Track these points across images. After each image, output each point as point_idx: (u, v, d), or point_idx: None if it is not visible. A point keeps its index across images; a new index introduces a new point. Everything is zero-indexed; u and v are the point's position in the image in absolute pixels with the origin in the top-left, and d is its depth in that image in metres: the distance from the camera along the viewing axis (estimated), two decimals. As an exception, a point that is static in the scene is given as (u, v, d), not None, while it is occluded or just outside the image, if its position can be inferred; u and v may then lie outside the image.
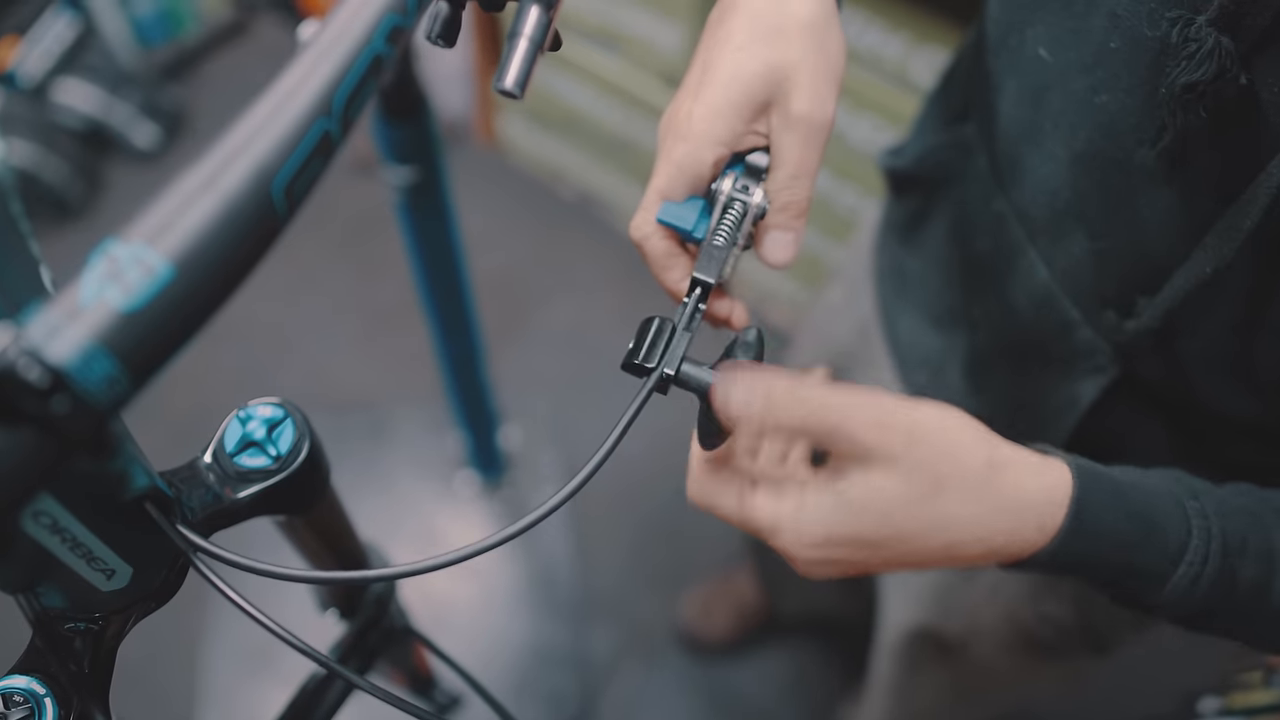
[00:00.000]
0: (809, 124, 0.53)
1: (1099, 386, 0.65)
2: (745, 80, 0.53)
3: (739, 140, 0.55)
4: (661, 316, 0.49)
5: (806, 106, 0.53)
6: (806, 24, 0.54)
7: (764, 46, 0.53)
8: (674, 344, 0.48)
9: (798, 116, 0.53)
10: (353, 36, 0.32)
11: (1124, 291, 0.60)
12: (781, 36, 0.53)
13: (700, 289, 0.52)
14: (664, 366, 0.47)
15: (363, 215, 2.24)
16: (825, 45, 0.54)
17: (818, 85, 0.53)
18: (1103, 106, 0.56)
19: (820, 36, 0.54)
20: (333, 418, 1.93)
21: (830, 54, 0.54)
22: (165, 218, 0.30)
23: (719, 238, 0.53)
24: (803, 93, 0.53)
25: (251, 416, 0.50)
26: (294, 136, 0.31)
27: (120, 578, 0.41)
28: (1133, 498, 0.50)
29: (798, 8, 0.54)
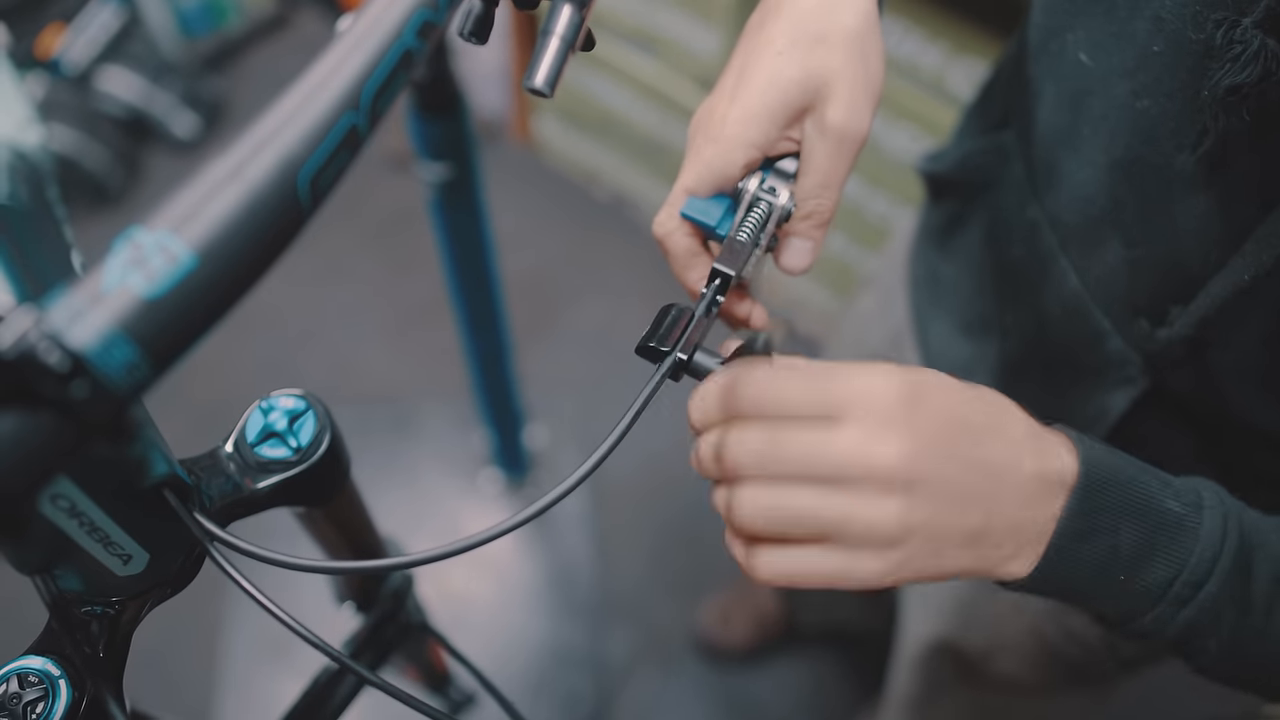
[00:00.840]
0: (843, 135, 0.53)
1: (1129, 398, 0.64)
2: (783, 86, 0.53)
3: (771, 145, 0.54)
4: (680, 305, 0.49)
5: (842, 117, 0.53)
6: (850, 33, 0.53)
7: (805, 53, 0.53)
8: (689, 331, 0.48)
9: (833, 126, 0.53)
10: (383, 30, 0.32)
11: (1157, 300, 0.59)
12: (823, 44, 0.53)
13: (720, 280, 0.51)
14: (678, 352, 0.47)
15: (397, 210, 2.25)
16: (867, 56, 0.54)
17: (856, 97, 0.53)
18: (1143, 111, 0.55)
19: (862, 47, 0.53)
20: (358, 410, 1.94)
21: (871, 66, 0.54)
22: (190, 206, 0.30)
23: (742, 234, 0.53)
24: (840, 103, 0.53)
25: (274, 407, 0.50)
26: (321, 129, 0.31)
27: (137, 563, 0.42)
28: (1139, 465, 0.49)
29: (842, 16, 0.53)
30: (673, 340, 0.48)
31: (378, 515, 0.63)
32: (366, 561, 0.43)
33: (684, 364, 0.47)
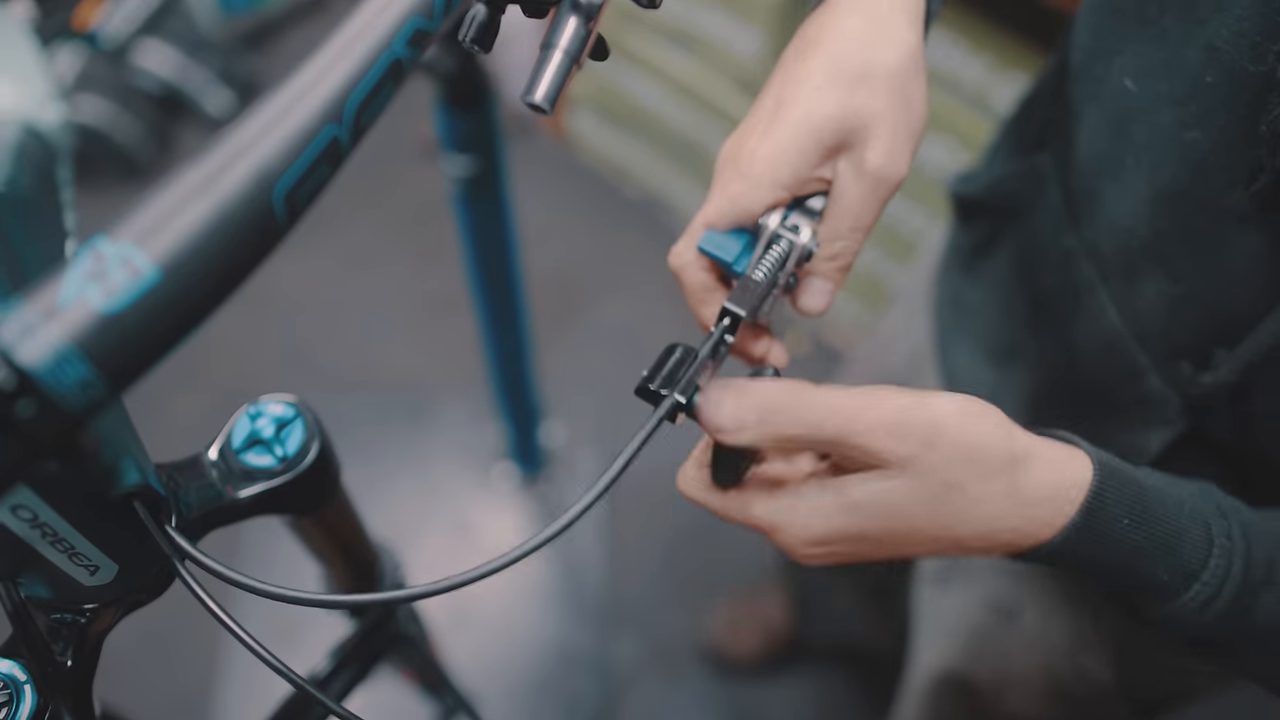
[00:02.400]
0: (880, 179, 0.51)
1: (1164, 440, 0.61)
2: (818, 124, 0.50)
3: (801, 185, 0.52)
4: (686, 345, 0.47)
5: (881, 161, 0.50)
6: (893, 72, 0.51)
7: (845, 91, 0.50)
8: (691, 373, 0.45)
9: (871, 170, 0.51)
10: (371, 38, 0.30)
11: (1201, 342, 0.56)
12: (864, 83, 0.50)
13: (729, 320, 0.49)
14: (676, 394, 0.45)
15: (424, 200, 2.24)
16: (909, 98, 0.51)
17: (896, 140, 0.51)
18: (1192, 143, 0.52)
19: (905, 88, 0.51)
20: (376, 399, 1.93)
21: (913, 108, 0.52)
22: (156, 218, 0.29)
23: (759, 272, 0.51)
24: (880, 146, 0.50)
25: (261, 413, 0.48)
26: (300, 142, 0.29)
27: (105, 574, 0.40)
28: (1153, 504, 0.47)
29: (885, 53, 0.51)
30: (674, 382, 0.45)
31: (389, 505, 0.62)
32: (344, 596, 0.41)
33: (683, 407, 0.45)
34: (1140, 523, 0.46)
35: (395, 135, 2.28)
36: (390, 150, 2.30)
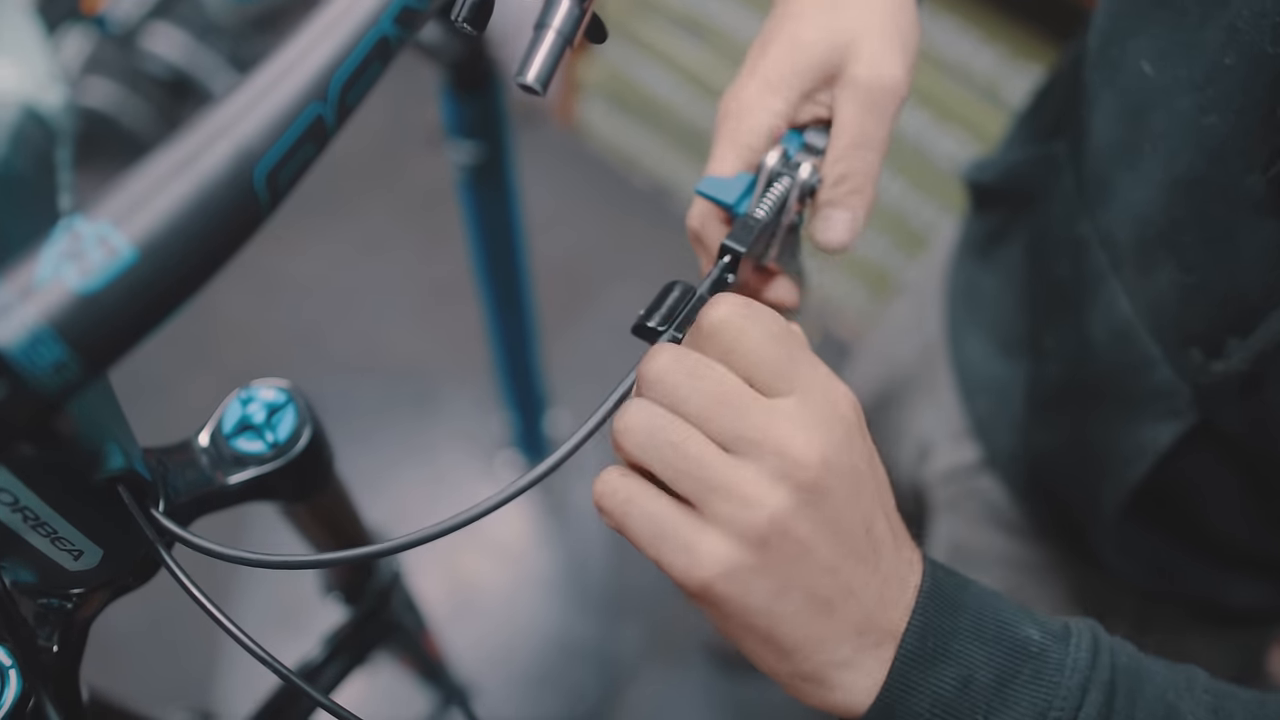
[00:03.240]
0: (870, 88, 0.50)
1: (1175, 433, 0.60)
2: (801, 48, 0.50)
3: (795, 112, 0.51)
4: (685, 282, 0.45)
5: (868, 70, 0.50)
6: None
7: (824, 14, 0.50)
8: (688, 310, 0.44)
9: (859, 80, 0.50)
10: (358, 15, 0.29)
11: (1213, 330, 0.55)
12: (847, 7, 0.50)
13: (728, 258, 0.48)
14: (673, 331, 0.44)
15: (434, 185, 2.23)
16: (895, 14, 0.51)
17: (883, 49, 0.50)
18: (1210, 128, 0.51)
19: (890, 6, 0.51)
20: (382, 385, 1.93)
21: (902, 26, 0.51)
22: (135, 198, 0.28)
23: (760, 210, 0.50)
24: (865, 56, 0.50)
25: (253, 398, 0.48)
26: (282, 120, 0.29)
27: (89, 558, 0.40)
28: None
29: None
30: (672, 320, 0.44)
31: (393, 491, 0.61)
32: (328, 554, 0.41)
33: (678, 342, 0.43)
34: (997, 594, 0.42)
35: (405, 120, 2.28)
36: (400, 135, 2.29)
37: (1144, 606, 0.76)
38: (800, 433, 0.36)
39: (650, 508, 0.37)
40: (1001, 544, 0.83)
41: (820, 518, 0.36)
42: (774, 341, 0.38)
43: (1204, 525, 0.66)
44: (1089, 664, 0.39)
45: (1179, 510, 0.66)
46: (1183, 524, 0.67)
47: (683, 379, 0.37)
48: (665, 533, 0.37)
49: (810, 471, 0.36)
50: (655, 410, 0.37)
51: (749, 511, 0.35)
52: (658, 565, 0.37)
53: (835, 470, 0.37)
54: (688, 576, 0.36)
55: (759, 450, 0.36)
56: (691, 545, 0.36)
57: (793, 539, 0.36)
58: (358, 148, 2.26)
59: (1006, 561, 0.83)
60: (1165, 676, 0.41)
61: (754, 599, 0.36)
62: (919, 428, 0.91)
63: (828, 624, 0.37)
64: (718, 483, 0.36)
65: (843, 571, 0.37)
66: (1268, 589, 0.70)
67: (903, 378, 0.96)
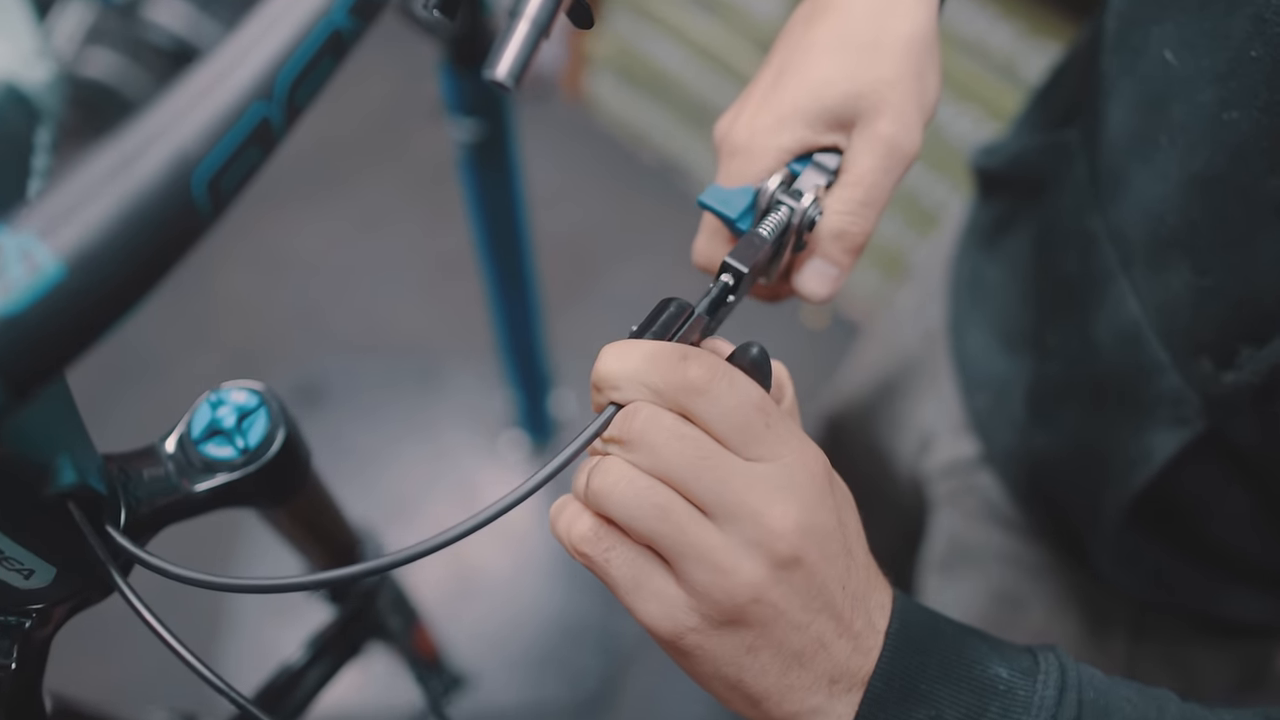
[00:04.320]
0: (894, 149, 0.48)
1: (1179, 441, 0.57)
2: (821, 89, 0.48)
3: (809, 146, 0.49)
4: (681, 300, 0.43)
5: (894, 130, 0.47)
6: (905, 44, 0.48)
7: (852, 59, 0.48)
8: (684, 329, 0.42)
9: (884, 138, 0.47)
10: (307, 6, 0.27)
11: (1226, 338, 0.52)
12: (874, 52, 0.48)
13: (730, 276, 0.45)
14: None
15: (437, 159, 2.20)
16: (922, 72, 0.49)
17: (908, 111, 0.48)
18: (1232, 124, 0.48)
19: (918, 61, 0.48)
20: (385, 361, 1.91)
21: (926, 83, 0.49)
22: (62, 208, 0.26)
23: (765, 229, 0.47)
24: (893, 115, 0.47)
25: (223, 401, 0.46)
26: (223, 122, 0.26)
27: (41, 576, 0.38)
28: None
29: (897, 24, 0.48)
30: (665, 338, 0.42)
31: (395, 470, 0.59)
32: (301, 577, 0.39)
33: None
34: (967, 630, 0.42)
35: (408, 92, 2.24)
36: (403, 107, 2.26)
37: (1142, 612, 0.74)
38: (777, 501, 0.36)
39: (630, 560, 0.38)
40: (999, 541, 0.81)
41: (794, 582, 0.37)
42: (754, 408, 0.38)
43: (1207, 537, 0.64)
44: (1055, 701, 0.39)
45: (1181, 521, 0.64)
46: (1184, 535, 0.64)
47: (664, 440, 0.37)
48: (641, 585, 0.38)
49: (786, 540, 0.36)
50: (636, 474, 0.37)
51: (725, 580, 0.36)
52: (630, 611, 0.38)
53: (811, 535, 0.37)
54: (658, 627, 0.37)
55: (737, 517, 0.36)
56: (665, 600, 0.37)
57: (766, 604, 0.37)
58: (360, 121, 2.23)
59: (1004, 559, 0.81)
60: (1135, 707, 0.41)
61: (724, 654, 0.37)
62: (920, 418, 0.89)
63: (799, 676, 0.38)
64: (697, 549, 0.36)
65: (814, 627, 0.38)
66: (1271, 602, 0.67)
67: (906, 366, 0.94)
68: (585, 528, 0.39)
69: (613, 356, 0.39)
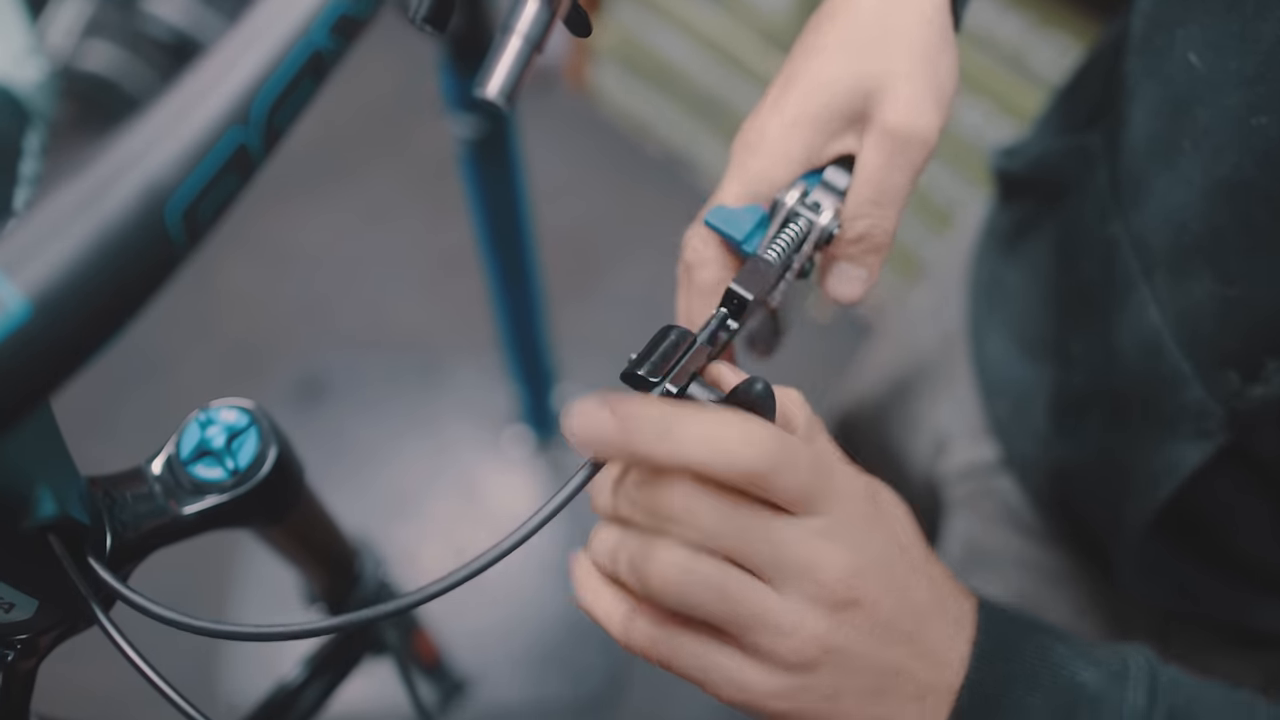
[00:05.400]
0: (900, 138, 0.46)
1: (1203, 454, 0.56)
2: (828, 87, 0.46)
3: (819, 157, 0.48)
4: (682, 328, 0.42)
5: (899, 117, 0.45)
6: (911, 36, 0.46)
7: (856, 54, 0.46)
8: (686, 360, 0.40)
9: (888, 128, 0.46)
10: (285, 26, 0.25)
11: (1252, 350, 0.51)
12: (879, 46, 0.46)
13: (735, 303, 0.44)
14: (668, 383, 0.40)
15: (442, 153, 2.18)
16: (933, 59, 0.47)
17: (917, 96, 0.46)
18: (1260, 129, 0.46)
19: (929, 49, 0.47)
20: (387, 356, 1.90)
21: (940, 70, 0.47)
22: (28, 243, 0.24)
23: (771, 252, 0.45)
24: (898, 103, 0.46)
25: (213, 421, 0.44)
26: (197, 150, 0.25)
27: (22, 610, 0.36)
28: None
29: (902, 18, 0.47)
30: (666, 369, 0.40)
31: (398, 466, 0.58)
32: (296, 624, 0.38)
33: (674, 398, 0.40)
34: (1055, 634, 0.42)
35: (412, 87, 2.23)
36: (407, 102, 2.24)
37: (1165, 621, 0.72)
38: (825, 550, 0.36)
39: (697, 654, 0.38)
40: (1018, 546, 0.80)
41: (858, 624, 0.37)
42: (810, 471, 0.36)
43: (1232, 548, 0.62)
44: (1146, 709, 0.40)
45: (1206, 533, 0.62)
46: (1209, 547, 0.63)
47: (710, 518, 0.36)
48: (712, 671, 0.38)
49: (841, 585, 0.36)
50: (687, 557, 0.36)
51: (791, 640, 0.36)
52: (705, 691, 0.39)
53: (864, 574, 0.37)
54: (740, 702, 0.38)
55: (791, 575, 0.36)
56: (738, 679, 0.37)
57: (836, 652, 0.37)
58: (363, 114, 2.22)
59: (1022, 564, 0.80)
60: (1223, 714, 0.41)
61: (809, 707, 0.37)
62: (936, 420, 0.88)
63: (884, 705, 0.38)
64: (758, 618, 0.36)
65: (888, 657, 0.38)
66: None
67: (922, 367, 0.93)
68: (644, 635, 0.39)
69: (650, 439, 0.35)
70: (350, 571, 0.61)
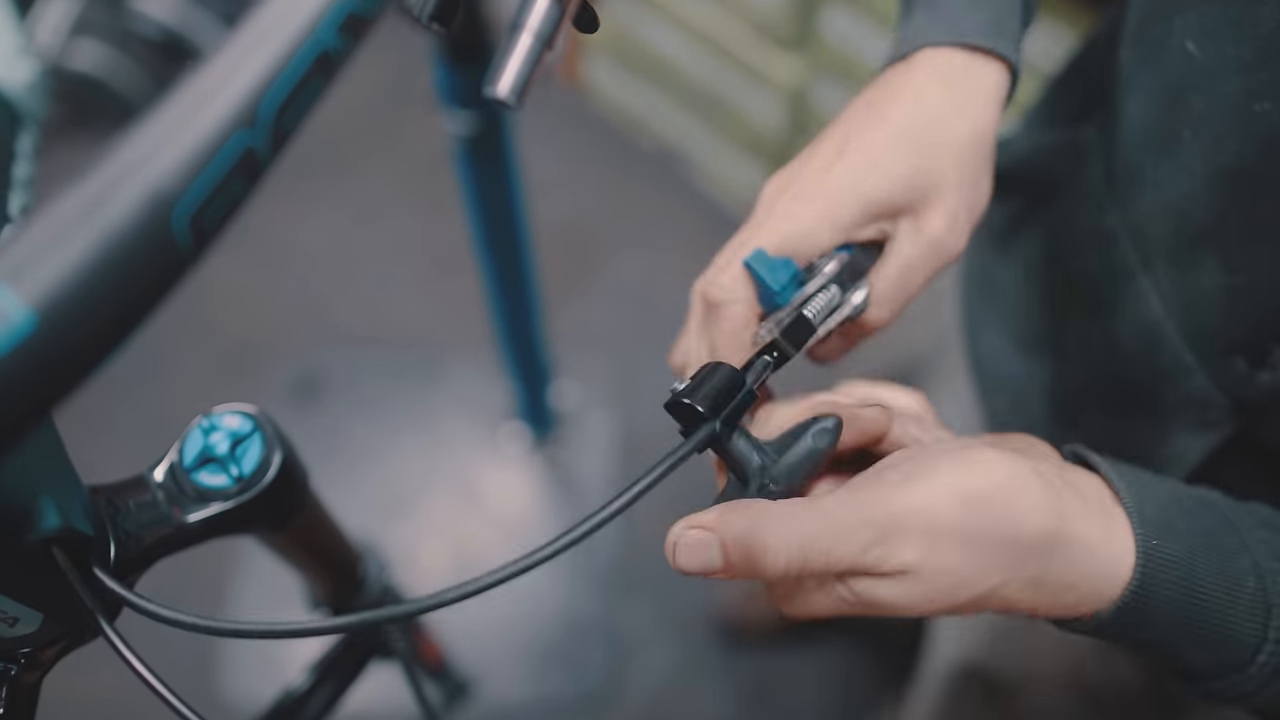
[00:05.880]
0: (937, 247, 0.49)
1: (1208, 445, 0.56)
2: (886, 174, 0.48)
3: (858, 231, 0.49)
4: (730, 366, 0.43)
5: (943, 228, 0.48)
6: (964, 146, 0.49)
7: (915, 152, 0.48)
8: (738, 403, 0.42)
9: (931, 235, 0.48)
10: (291, 26, 0.25)
11: (1257, 336, 0.51)
12: (936, 150, 0.49)
13: (776, 356, 0.45)
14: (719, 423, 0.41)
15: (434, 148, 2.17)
16: (977, 176, 0.50)
17: (959, 214, 0.49)
18: (1261, 115, 0.47)
19: (974, 164, 0.50)
20: (384, 353, 1.90)
21: (979, 186, 0.50)
22: (32, 252, 0.23)
23: (811, 310, 0.47)
24: (943, 213, 0.48)
25: (216, 427, 0.44)
26: (203, 154, 0.24)
27: (27, 624, 0.36)
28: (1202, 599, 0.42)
29: (960, 126, 0.49)
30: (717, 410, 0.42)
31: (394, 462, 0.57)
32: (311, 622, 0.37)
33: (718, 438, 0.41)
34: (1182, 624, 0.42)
35: (403, 82, 2.21)
36: (401, 96, 2.23)
37: None
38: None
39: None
40: None
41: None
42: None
43: None
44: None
45: None
46: None
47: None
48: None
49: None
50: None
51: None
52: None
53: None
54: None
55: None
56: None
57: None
58: (357, 110, 2.20)
59: None
60: None
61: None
62: None
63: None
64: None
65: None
66: None
67: (916, 365, 0.92)
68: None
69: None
70: (354, 575, 0.61)
